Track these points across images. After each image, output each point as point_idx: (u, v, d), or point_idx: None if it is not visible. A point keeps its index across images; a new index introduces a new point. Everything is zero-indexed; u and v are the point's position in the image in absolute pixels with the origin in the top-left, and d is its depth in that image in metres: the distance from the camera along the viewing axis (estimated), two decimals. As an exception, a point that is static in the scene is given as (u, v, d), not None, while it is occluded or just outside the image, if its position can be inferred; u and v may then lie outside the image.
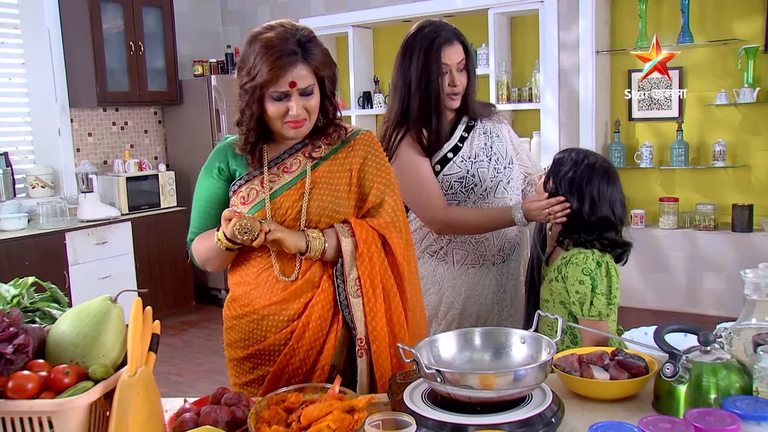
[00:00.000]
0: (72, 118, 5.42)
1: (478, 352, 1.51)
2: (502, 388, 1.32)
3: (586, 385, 1.49)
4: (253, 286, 1.74)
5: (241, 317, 1.76)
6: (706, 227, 4.49)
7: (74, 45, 5.27)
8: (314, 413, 1.29)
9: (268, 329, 1.72)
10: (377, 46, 6.04)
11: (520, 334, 1.51)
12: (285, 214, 1.70)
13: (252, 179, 1.74)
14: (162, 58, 5.70)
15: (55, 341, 1.36)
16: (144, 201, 5.43)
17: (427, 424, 1.31)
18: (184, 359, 4.64)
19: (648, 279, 4.66)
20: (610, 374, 1.50)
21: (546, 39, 4.92)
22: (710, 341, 1.42)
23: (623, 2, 4.80)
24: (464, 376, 1.33)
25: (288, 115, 1.67)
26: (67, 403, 1.22)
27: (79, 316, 1.37)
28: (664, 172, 4.77)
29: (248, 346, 1.75)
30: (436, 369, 1.33)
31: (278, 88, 1.63)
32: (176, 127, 6.03)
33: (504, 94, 5.21)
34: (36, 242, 4.66)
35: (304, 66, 1.64)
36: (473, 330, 1.54)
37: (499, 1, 5.08)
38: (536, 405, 1.35)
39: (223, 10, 6.47)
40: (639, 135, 4.85)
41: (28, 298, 1.52)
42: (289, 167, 1.74)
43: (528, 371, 1.33)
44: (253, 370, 1.75)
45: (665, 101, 4.69)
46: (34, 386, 1.24)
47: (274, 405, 1.37)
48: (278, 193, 1.72)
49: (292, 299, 1.70)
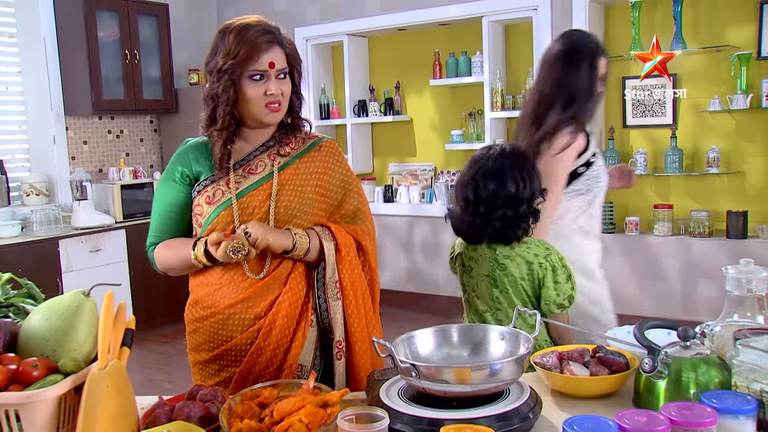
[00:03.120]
0: (67, 126, 5.43)
1: (456, 349, 1.49)
2: (477, 383, 1.30)
3: (566, 381, 1.47)
4: (217, 287, 1.73)
5: (205, 319, 1.74)
6: (701, 234, 4.48)
7: (70, 53, 5.29)
8: (287, 407, 1.27)
9: (233, 329, 1.71)
10: (372, 55, 6.06)
11: (498, 331, 1.49)
12: (252, 213, 1.70)
13: (217, 180, 1.74)
14: (158, 66, 5.72)
15: (26, 335, 1.35)
16: (139, 209, 5.42)
17: (403, 419, 1.29)
18: (176, 367, 4.61)
19: (643, 286, 4.64)
20: (590, 371, 1.48)
21: (540, 46, 4.92)
22: (690, 336, 1.41)
23: (616, 9, 4.82)
24: (439, 370, 1.31)
25: (267, 96, 1.68)
26: (34, 395, 1.20)
27: (51, 309, 1.35)
28: (659, 178, 4.76)
29: (213, 348, 1.73)
30: (411, 363, 1.31)
31: (258, 66, 1.66)
32: (172, 135, 6.04)
33: (498, 102, 5.22)
34: (29, 249, 4.65)
35: (279, 49, 1.69)
36: (451, 326, 1.52)
37: (493, 9, 5.10)
38: (513, 400, 1.33)
39: (219, 18, 6.50)
40: (633, 142, 4.85)
41: (2, 294, 1.50)
42: (254, 169, 1.75)
43: (503, 365, 1.31)
44: (219, 372, 1.74)
45: (659, 108, 4.69)
46: (2, 378, 1.22)
47: (248, 400, 1.35)
48: (244, 194, 1.72)
49: (259, 297, 1.69)
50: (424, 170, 5.91)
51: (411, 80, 5.88)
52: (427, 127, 5.88)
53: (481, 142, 5.37)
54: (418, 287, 5.62)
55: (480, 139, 5.42)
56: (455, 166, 5.76)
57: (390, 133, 6.05)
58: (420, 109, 5.89)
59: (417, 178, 5.90)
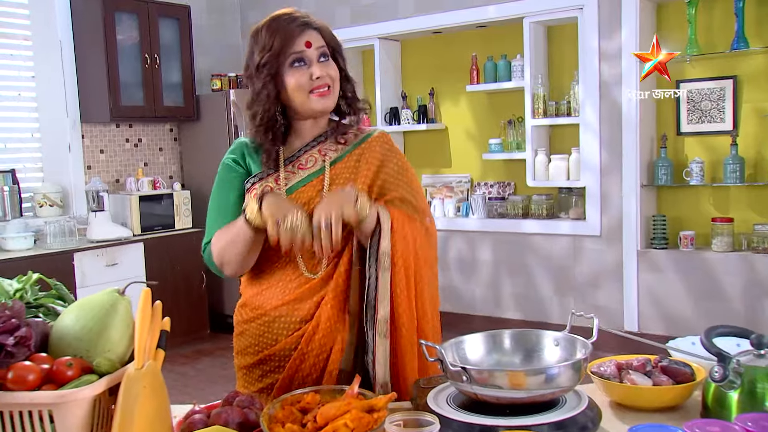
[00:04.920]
0: (83, 134, 5.55)
1: (507, 355, 1.51)
2: (533, 389, 1.31)
3: (627, 391, 1.47)
4: (266, 286, 1.77)
5: (252, 320, 1.79)
6: (765, 250, 4.43)
7: (87, 57, 5.42)
8: (331, 412, 1.30)
9: (279, 332, 1.74)
10: (405, 60, 6.12)
11: (552, 336, 1.50)
12: (303, 207, 1.72)
13: (266, 177, 1.78)
14: (179, 71, 5.83)
15: (58, 335, 1.39)
16: (157, 222, 5.52)
17: (453, 426, 1.31)
18: (197, 388, 4.65)
19: (699, 307, 4.59)
20: (653, 381, 1.48)
21: (586, 48, 4.95)
22: (765, 344, 1.40)
23: (670, 7, 4.82)
24: (492, 374, 1.33)
25: (312, 81, 1.71)
26: (69, 395, 1.24)
27: (84, 308, 1.39)
28: (717, 189, 4.73)
29: (258, 351, 1.77)
30: (462, 367, 1.33)
31: (295, 48, 1.70)
32: (193, 144, 6.14)
33: (540, 108, 5.24)
34: (43, 262, 4.74)
35: (314, 31, 1.74)
36: (502, 332, 1.54)
37: (535, 10, 5.13)
38: (570, 408, 1.34)
39: (242, 21, 6.62)
40: (688, 150, 4.82)
41: (32, 294, 1.55)
42: (304, 164, 1.79)
43: (560, 369, 1.33)
44: (262, 378, 1.77)
45: (717, 113, 4.66)
46: (36, 378, 1.26)
47: (288, 405, 1.38)
48: (294, 189, 1.76)
49: (306, 298, 1.72)
50: (460, 182, 5.93)
51: (446, 86, 5.92)
52: (463, 135, 5.91)
53: (522, 151, 5.39)
54: (453, 307, 5.61)
55: (520, 149, 5.43)
56: (493, 177, 5.78)
57: (423, 142, 6.09)
58: (455, 116, 5.92)
59: (452, 191, 5.92)
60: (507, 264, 5.45)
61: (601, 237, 5.00)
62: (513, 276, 5.43)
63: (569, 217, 5.27)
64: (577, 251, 5.11)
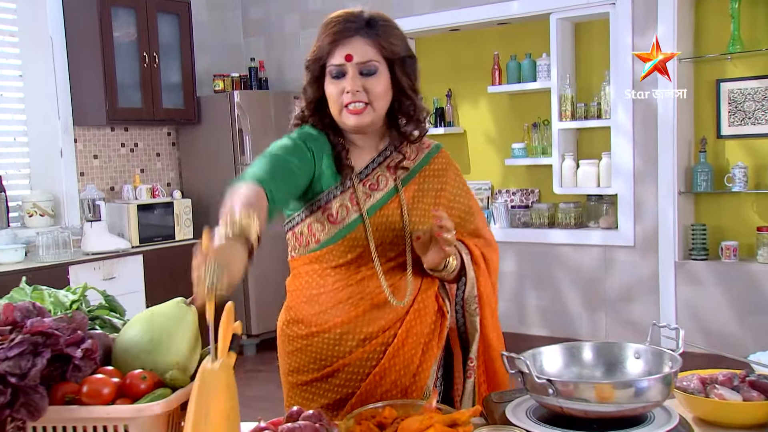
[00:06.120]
0: (76, 138, 5.56)
1: (587, 368, 1.57)
2: (622, 402, 1.37)
3: (715, 407, 1.52)
4: (330, 306, 1.79)
5: (314, 335, 1.81)
6: (814, 261, 4.50)
7: (80, 55, 5.43)
8: (413, 426, 1.36)
9: (349, 345, 1.78)
10: (421, 59, 6.06)
11: (633, 348, 1.57)
12: (385, 232, 1.79)
13: (341, 194, 1.79)
14: (178, 71, 5.87)
15: (122, 348, 1.45)
16: (157, 232, 5.55)
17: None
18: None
19: (745, 322, 4.65)
20: (742, 396, 1.54)
21: (618, 46, 5.01)
22: None
23: (710, 2, 4.88)
24: (578, 387, 1.39)
25: (344, 96, 1.72)
26: (146, 409, 1.30)
27: (150, 320, 1.45)
28: (762, 196, 4.79)
29: (324, 366, 1.80)
30: (547, 379, 1.39)
31: (334, 60, 1.72)
32: (192, 149, 6.18)
33: (568, 111, 5.30)
34: (35, 276, 4.72)
35: (364, 40, 1.73)
36: (581, 344, 1.60)
37: (563, 5, 5.20)
38: (660, 425, 1.40)
39: (244, 18, 6.68)
40: (729, 155, 4.89)
41: (86, 306, 1.61)
42: (375, 184, 1.83)
43: (651, 383, 1.39)
44: (327, 393, 1.81)
45: (762, 115, 4.73)
46: (110, 392, 1.32)
47: (365, 420, 1.44)
48: (372, 212, 1.79)
49: (376, 312, 1.78)
50: (480, 189, 5.99)
51: (465, 87, 5.99)
52: (483, 140, 5.98)
53: (548, 156, 5.45)
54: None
55: (546, 153, 5.50)
56: (516, 184, 5.84)
57: (440, 146, 6.12)
58: (475, 119, 5.99)
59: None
60: (532, 277, 5.51)
61: (635, 247, 5.06)
62: (539, 290, 5.49)
63: (599, 226, 5.33)
64: (608, 263, 5.18)
